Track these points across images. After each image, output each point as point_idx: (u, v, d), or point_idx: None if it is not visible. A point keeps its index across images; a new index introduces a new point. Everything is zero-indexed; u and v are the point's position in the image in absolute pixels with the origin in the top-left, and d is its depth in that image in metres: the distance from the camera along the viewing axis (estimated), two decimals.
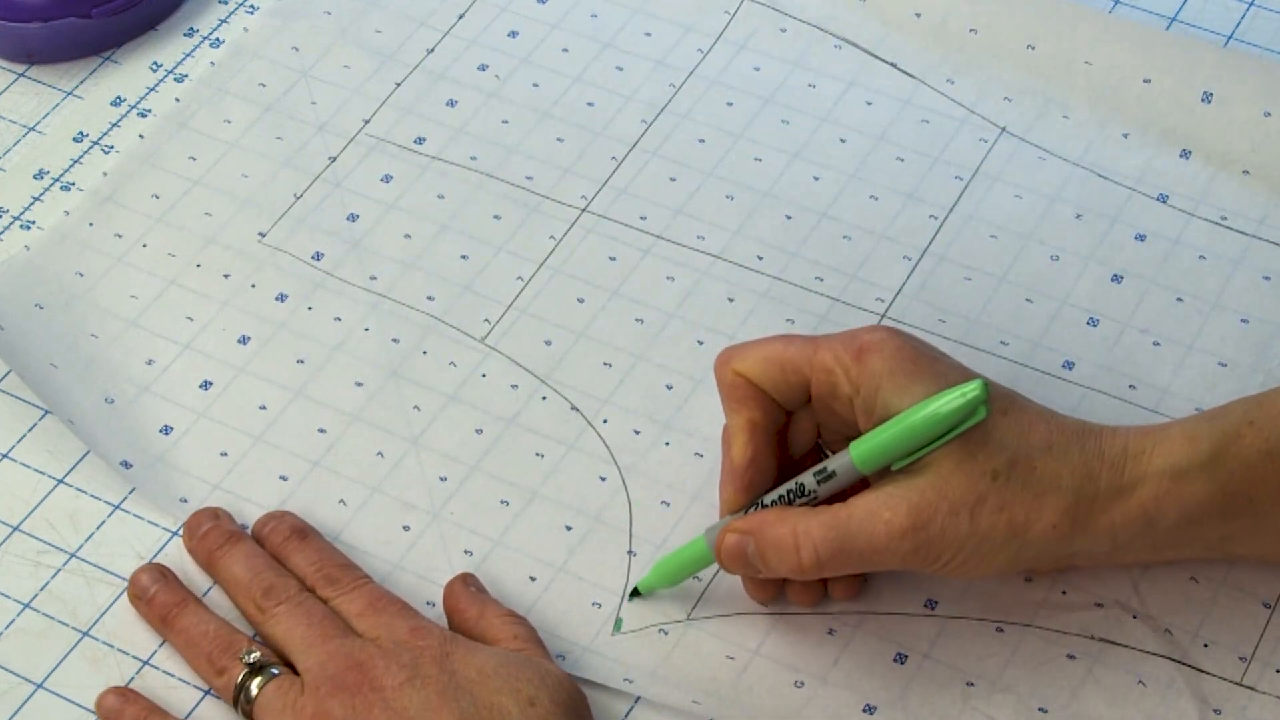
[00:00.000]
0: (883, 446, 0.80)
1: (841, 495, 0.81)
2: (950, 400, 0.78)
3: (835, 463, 0.81)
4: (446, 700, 0.77)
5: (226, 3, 1.08)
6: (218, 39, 1.06)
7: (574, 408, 0.92)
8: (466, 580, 0.85)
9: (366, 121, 1.03)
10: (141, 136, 1.02)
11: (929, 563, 0.80)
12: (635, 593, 0.86)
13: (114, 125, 1.02)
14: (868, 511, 0.79)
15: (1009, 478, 0.79)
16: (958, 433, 0.79)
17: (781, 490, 0.82)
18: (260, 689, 0.80)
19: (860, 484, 0.82)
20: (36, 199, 1.00)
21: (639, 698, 0.83)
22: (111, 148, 1.01)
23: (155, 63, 1.05)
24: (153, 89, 1.04)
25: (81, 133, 1.02)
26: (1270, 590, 0.85)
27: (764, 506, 0.82)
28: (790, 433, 0.85)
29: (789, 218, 0.98)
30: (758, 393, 0.83)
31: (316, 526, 0.87)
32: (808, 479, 0.82)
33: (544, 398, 0.92)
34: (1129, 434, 0.81)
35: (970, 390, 0.78)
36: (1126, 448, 0.80)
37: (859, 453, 0.80)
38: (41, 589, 0.86)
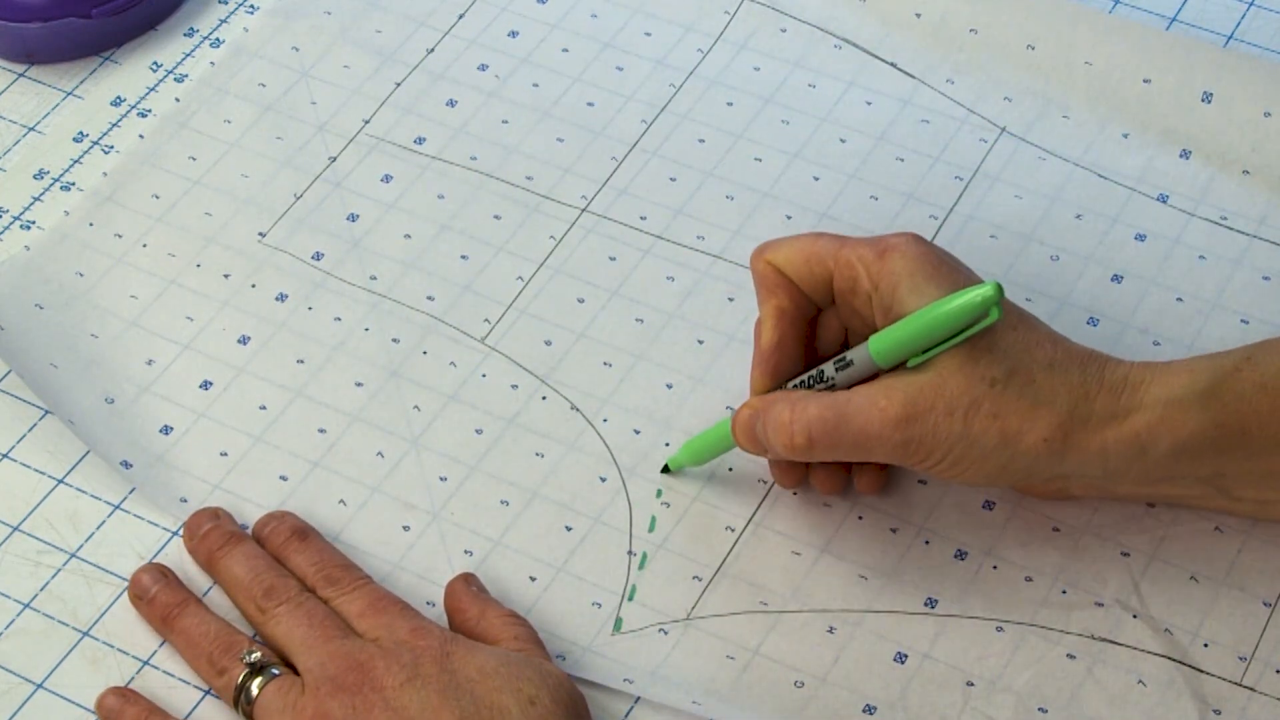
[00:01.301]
0: (898, 339, 0.82)
1: None
2: (966, 298, 0.80)
3: (854, 353, 0.84)
4: (447, 700, 0.77)
5: (226, 3, 1.08)
6: (218, 39, 1.06)
7: (574, 408, 0.92)
8: (468, 580, 0.85)
9: (366, 121, 1.03)
10: (141, 136, 1.02)
11: (918, 458, 0.81)
12: (665, 469, 0.89)
13: (114, 125, 1.02)
14: (865, 398, 0.81)
15: (1006, 386, 0.81)
16: (971, 332, 0.80)
17: (803, 376, 0.85)
18: (261, 689, 0.80)
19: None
20: (36, 199, 1.00)
21: (639, 698, 0.83)
22: (111, 148, 1.02)
23: (155, 63, 1.05)
24: (153, 89, 1.04)
25: (81, 133, 1.02)
26: (1270, 590, 0.85)
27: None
28: (819, 330, 0.87)
29: (789, 218, 0.98)
30: (786, 282, 0.85)
31: (316, 526, 0.87)
32: (828, 366, 0.84)
33: (544, 398, 0.92)
34: (1132, 365, 0.83)
35: (985, 290, 0.80)
36: (1128, 376, 0.82)
37: (876, 345, 0.82)
38: (41, 589, 0.86)
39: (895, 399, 0.81)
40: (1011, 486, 0.87)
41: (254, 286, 0.97)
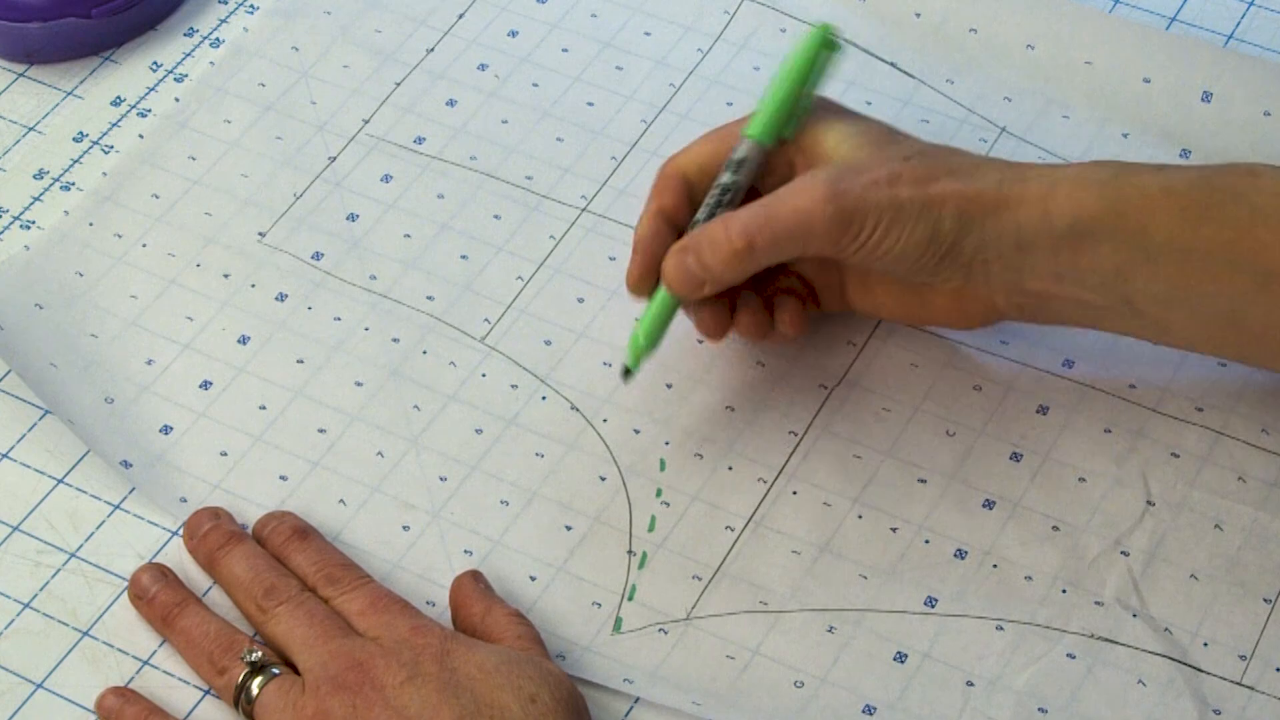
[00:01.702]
0: (764, 108, 0.88)
1: None
2: (803, 40, 0.88)
3: (738, 149, 0.88)
4: (447, 698, 0.77)
5: (226, 3, 1.08)
6: (218, 39, 1.06)
7: (574, 408, 0.92)
8: (475, 578, 0.85)
9: (366, 121, 1.03)
10: (141, 136, 1.02)
11: (852, 232, 0.84)
12: (627, 371, 0.89)
13: (114, 125, 1.02)
14: (790, 190, 0.85)
15: (921, 158, 0.86)
16: (824, 73, 0.88)
17: (707, 199, 0.88)
18: (261, 689, 0.80)
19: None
20: (36, 199, 1.00)
21: (638, 698, 0.83)
22: (111, 148, 1.02)
23: (155, 63, 1.05)
24: (153, 89, 1.04)
25: (81, 133, 1.02)
26: (1271, 586, 0.85)
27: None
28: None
29: None
30: (679, 185, 0.89)
31: (316, 526, 0.87)
32: (723, 175, 0.88)
33: (544, 398, 0.92)
34: (1040, 161, 0.88)
35: (817, 28, 0.89)
36: (1032, 164, 0.86)
37: (750, 128, 0.88)
38: (41, 589, 0.86)
39: (819, 179, 0.85)
40: (929, 315, 0.90)
41: (254, 286, 0.97)
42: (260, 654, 0.81)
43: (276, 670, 0.81)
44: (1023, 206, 0.85)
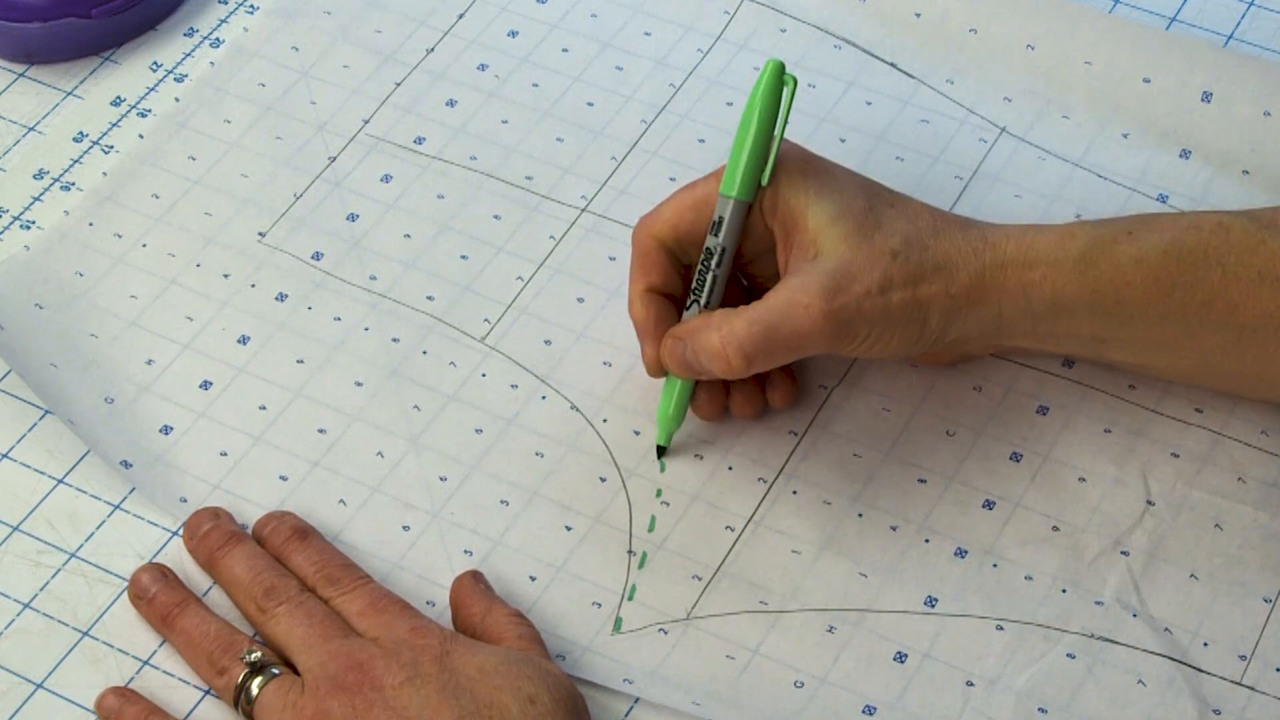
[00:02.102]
0: (733, 160, 0.87)
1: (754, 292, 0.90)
2: (756, 85, 0.87)
3: (719, 209, 0.87)
4: (447, 698, 0.77)
5: (226, 3, 1.08)
6: (218, 39, 1.06)
7: (574, 408, 0.92)
8: (476, 578, 0.85)
9: (366, 121, 1.03)
10: (141, 136, 1.02)
11: (846, 341, 0.86)
12: (661, 450, 0.90)
13: (114, 125, 1.02)
14: (786, 303, 0.85)
15: (907, 256, 0.86)
16: (787, 108, 0.87)
17: (698, 268, 0.88)
18: (261, 689, 0.80)
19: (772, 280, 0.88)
20: (36, 199, 1.00)
21: (638, 698, 0.83)
22: (111, 148, 1.02)
23: (155, 63, 1.05)
24: (153, 89, 1.04)
25: (81, 133, 1.02)
26: (1271, 586, 0.85)
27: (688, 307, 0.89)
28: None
29: None
30: (663, 260, 0.89)
31: (316, 526, 0.87)
32: (709, 240, 0.88)
33: (544, 398, 0.92)
34: (1014, 228, 0.88)
35: (768, 64, 0.87)
36: (1009, 235, 0.87)
37: (725, 184, 0.87)
38: (41, 589, 0.86)
39: (814, 295, 0.85)
40: (917, 359, 0.92)
41: (254, 286, 0.97)
42: (260, 654, 0.81)
43: (276, 670, 0.81)
44: (1004, 297, 0.86)
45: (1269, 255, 0.84)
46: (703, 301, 0.88)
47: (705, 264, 0.88)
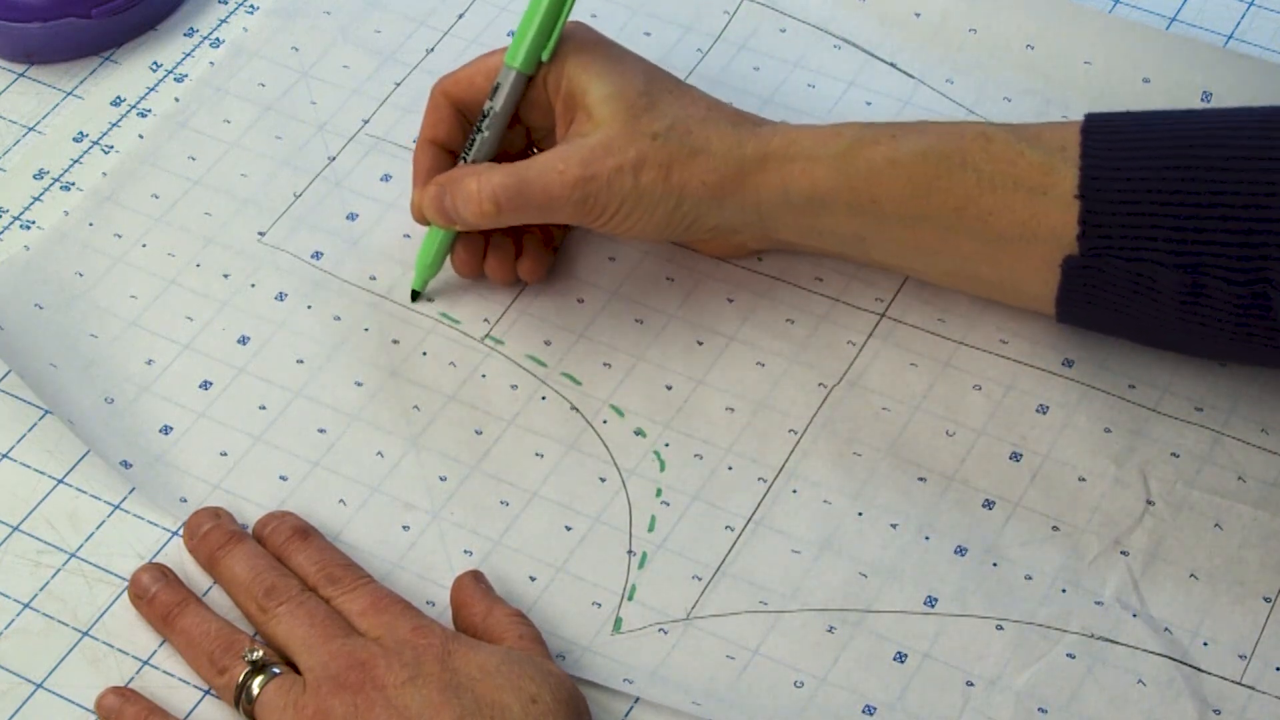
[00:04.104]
0: (520, 33, 0.91)
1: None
2: None
3: (499, 77, 0.92)
4: (448, 698, 0.77)
5: (226, 3, 1.08)
6: (217, 39, 1.06)
7: (574, 408, 0.92)
8: (476, 578, 0.85)
9: (366, 121, 1.03)
10: (141, 136, 1.02)
11: (595, 215, 0.90)
12: (415, 295, 0.95)
13: (114, 125, 1.02)
14: (544, 164, 0.90)
15: (667, 138, 0.89)
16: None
17: (475, 127, 0.93)
18: (262, 688, 0.80)
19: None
20: (36, 199, 1.00)
21: (638, 698, 0.83)
22: (111, 148, 1.02)
23: (155, 63, 1.05)
24: (152, 89, 1.04)
25: (81, 133, 1.02)
26: (1271, 585, 0.85)
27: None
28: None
29: None
30: (450, 115, 0.94)
31: (317, 526, 0.87)
32: (486, 103, 0.92)
33: (544, 398, 0.92)
34: (784, 125, 0.91)
35: None
36: (777, 130, 0.90)
37: (509, 54, 0.92)
38: (41, 589, 0.86)
39: (571, 161, 0.89)
40: (688, 243, 0.96)
41: (253, 286, 0.97)
42: (260, 653, 0.81)
43: (277, 670, 0.81)
44: (762, 186, 0.90)
45: (1026, 166, 0.87)
46: (469, 158, 0.93)
47: (479, 125, 0.93)
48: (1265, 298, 0.84)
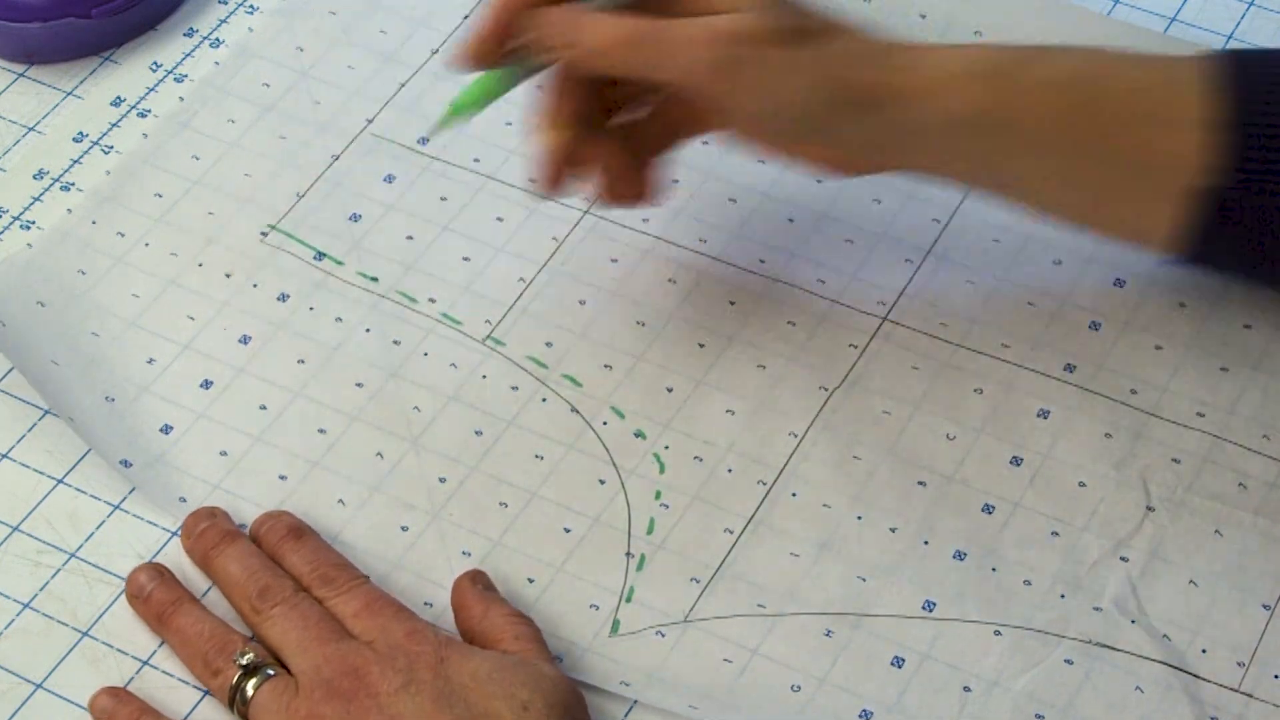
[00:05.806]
0: None
1: None
2: None
3: None
4: (441, 706, 0.77)
5: (226, 3, 1.08)
6: (218, 39, 1.06)
7: (574, 409, 0.92)
8: (475, 579, 0.85)
9: (370, 121, 1.03)
10: (145, 136, 1.02)
11: (722, 81, 0.84)
12: (445, 123, 0.89)
13: (114, 125, 1.03)
14: (685, 22, 0.83)
15: (818, 38, 0.85)
16: None
17: None
18: (256, 690, 0.80)
19: None
20: (36, 199, 1.00)
21: (636, 701, 0.83)
22: (111, 148, 1.02)
23: (155, 63, 1.05)
24: (152, 89, 1.04)
25: (81, 133, 1.02)
26: (1271, 592, 0.85)
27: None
28: None
29: (791, 220, 0.98)
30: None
31: (315, 526, 0.87)
32: None
33: (544, 399, 0.92)
34: (924, 43, 0.88)
35: None
36: (925, 48, 0.87)
37: None
38: (41, 589, 0.86)
39: (718, 21, 0.83)
40: (821, 160, 0.90)
41: (255, 286, 0.97)
42: (251, 656, 0.81)
43: (271, 671, 0.81)
44: (899, 80, 0.85)
45: (1171, 95, 0.85)
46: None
47: None
48: None
